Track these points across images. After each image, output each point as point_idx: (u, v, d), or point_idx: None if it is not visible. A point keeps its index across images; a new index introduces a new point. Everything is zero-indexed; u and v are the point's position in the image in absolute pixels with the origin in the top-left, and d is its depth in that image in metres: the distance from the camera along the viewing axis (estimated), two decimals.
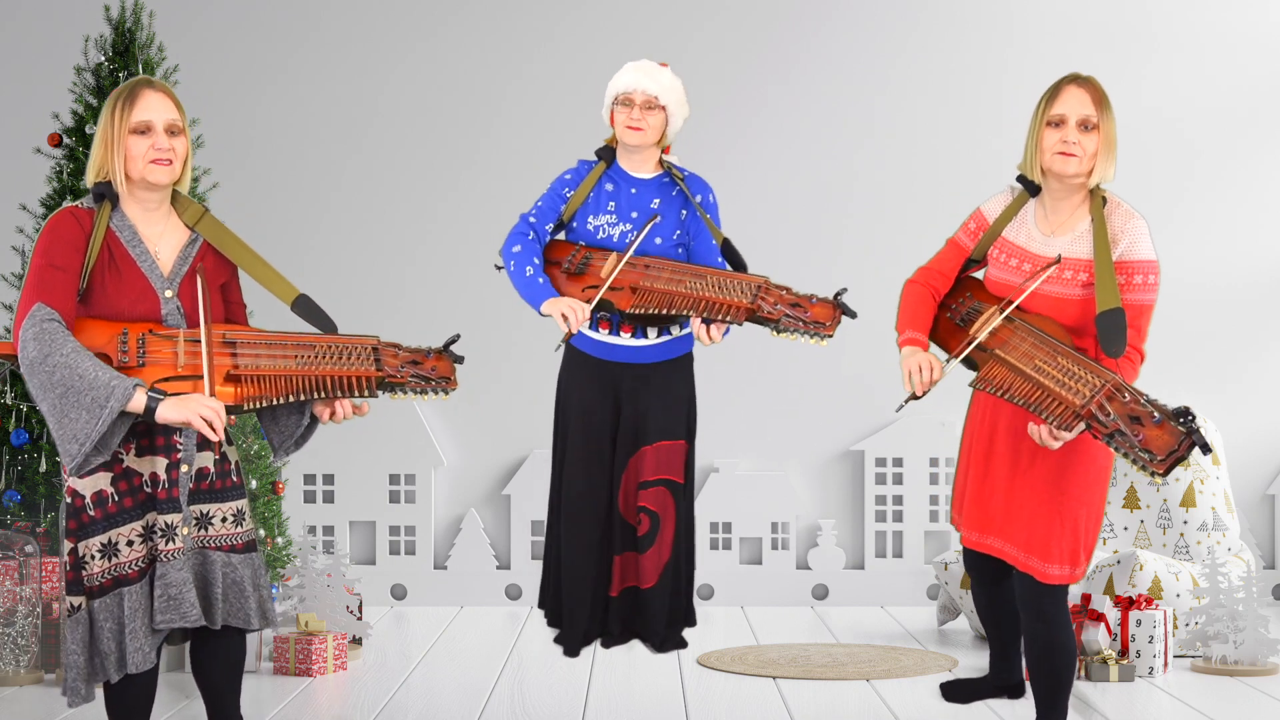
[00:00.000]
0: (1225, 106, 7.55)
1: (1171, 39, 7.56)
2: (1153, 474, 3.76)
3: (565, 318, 4.41)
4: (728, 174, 7.52)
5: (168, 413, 3.65)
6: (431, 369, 3.95)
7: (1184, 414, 3.77)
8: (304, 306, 3.93)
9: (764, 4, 7.60)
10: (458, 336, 4.01)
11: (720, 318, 4.39)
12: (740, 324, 4.41)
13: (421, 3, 7.62)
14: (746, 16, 7.60)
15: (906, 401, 4.15)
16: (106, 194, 3.81)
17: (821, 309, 4.36)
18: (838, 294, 4.38)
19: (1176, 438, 3.75)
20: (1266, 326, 7.55)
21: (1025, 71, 7.25)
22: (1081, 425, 3.86)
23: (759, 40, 7.60)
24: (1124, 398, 3.84)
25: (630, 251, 4.52)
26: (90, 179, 3.83)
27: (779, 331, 4.39)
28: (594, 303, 4.45)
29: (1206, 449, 3.74)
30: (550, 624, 4.71)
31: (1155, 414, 3.79)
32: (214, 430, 3.67)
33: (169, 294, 3.80)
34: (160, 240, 3.85)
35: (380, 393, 3.91)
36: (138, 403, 3.62)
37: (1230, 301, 7.54)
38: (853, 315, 4.36)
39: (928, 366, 4.11)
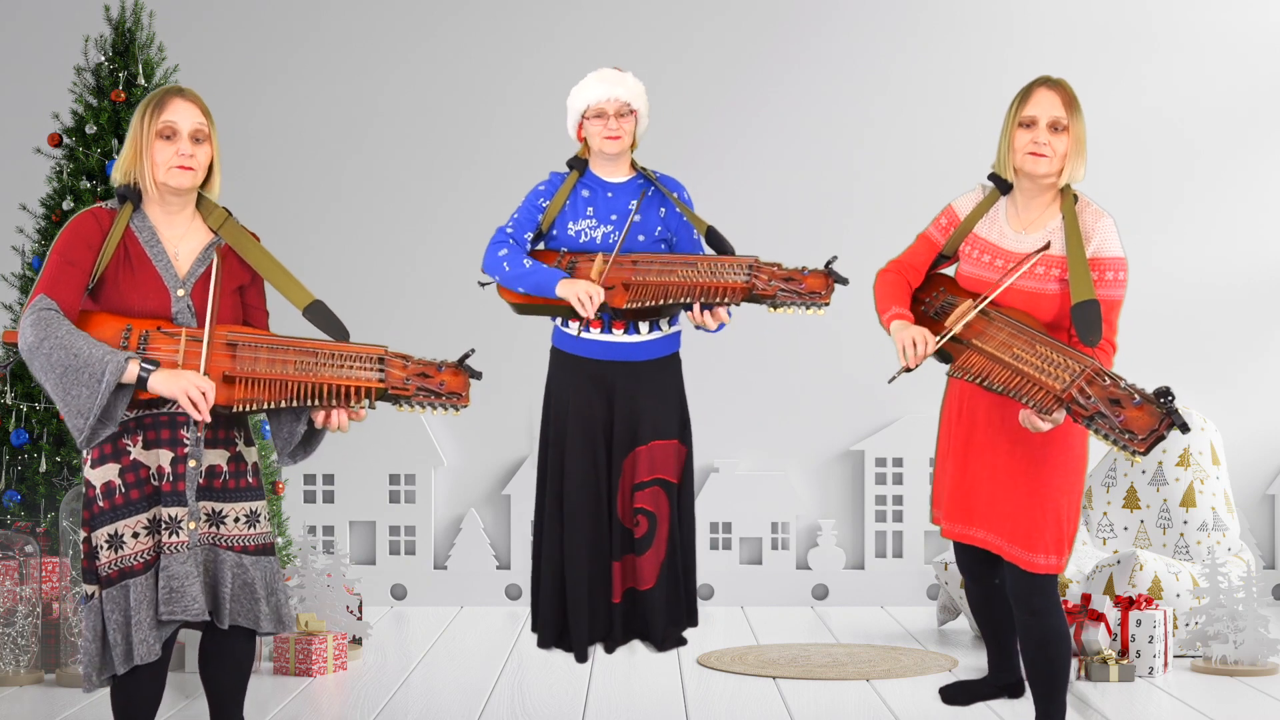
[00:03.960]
0: (1225, 106, 7.55)
1: (1171, 39, 7.56)
2: (1134, 453, 3.83)
3: (582, 302, 4.42)
4: (727, 174, 7.53)
5: (158, 384, 3.73)
6: (440, 384, 3.92)
7: (1164, 394, 3.83)
8: (316, 313, 3.96)
9: (764, 4, 7.60)
10: (473, 351, 3.96)
11: (718, 301, 4.42)
12: (738, 304, 4.44)
13: (421, 3, 7.62)
14: (746, 16, 7.61)
15: (899, 373, 4.19)
16: (129, 196, 3.89)
17: (815, 279, 4.42)
18: (828, 263, 4.44)
19: (1156, 418, 3.82)
20: (1266, 326, 7.55)
21: (1025, 71, 7.18)
22: (1063, 410, 3.92)
23: (759, 40, 7.60)
24: (1104, 381, 3.90)
25: (617, 250, 4.52)
26: (116, 180, 3.92)
27: (776, 307, 4.43)
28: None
29: (1186, 428, 3.81)
30: (540, 645, 4.66)
31: (1135, 395, 3.86)
32: (198, 409, 3.72)
33: (181, 293, 3.85)
34: (181, 242, 3.91)
35: (382, 403, 3.90)
36: (131, 374, 3.71)
37: (1230, 301, 7.54)
38: (844, 282, 4.42)
39: (922, 340, 4.16)
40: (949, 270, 4.41)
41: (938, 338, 4.18)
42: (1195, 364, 7.49)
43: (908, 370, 4.16)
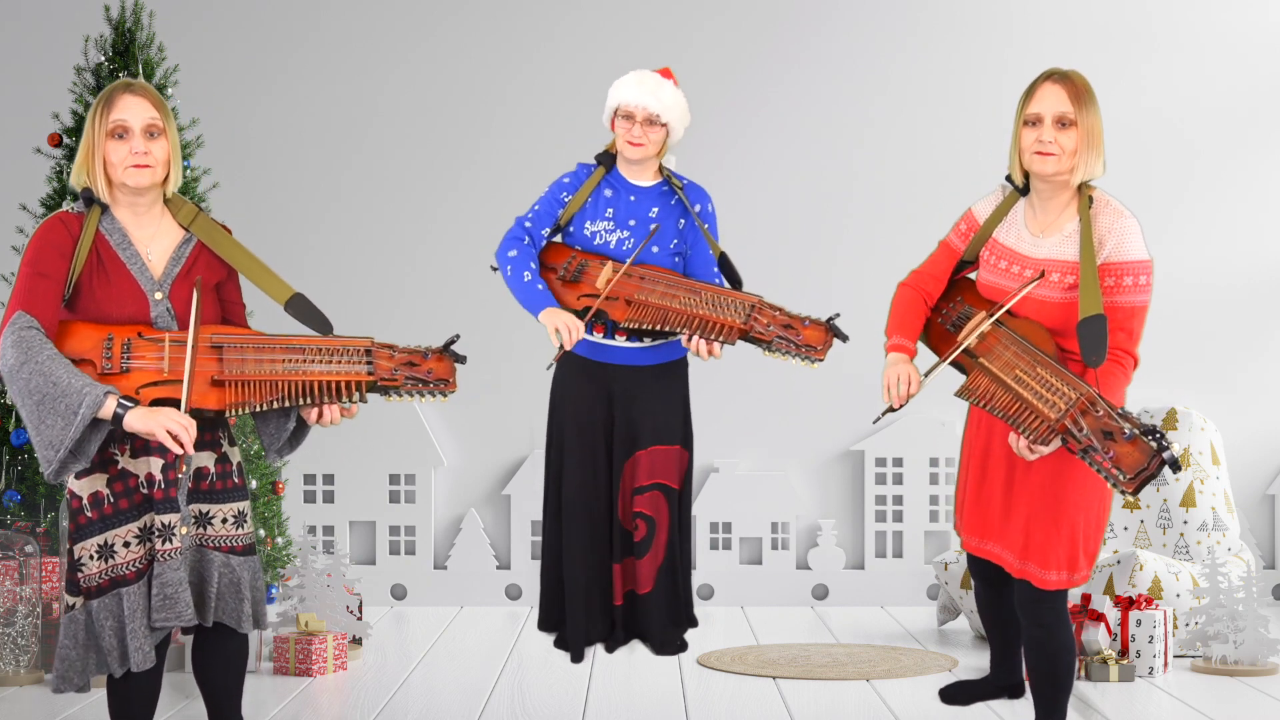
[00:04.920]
0: (1225, 106, 7.55)
1: (1171, 39, 7.56)
2: (1123, 492, 3.71)
3: (559, 333, 4.39)
4: (727, 175, 7.52)
5: (135, 423, 3.63)
6: (428, 371, 3.89)
7: (1153, 431, 3.71)
8: (298, 307, 3.89)
9: (764, 5, 7.60)
10: (457, 337, 3.96)
11: (712, 336, 4.37)
12: (732, 343, 4.38)
13: (421, 3, 7.62)
14: (746, 17, 7.60)
15: (884, 414, 4.14)
16: (94, 198, 3.79)
17: (813, 332, 4.32)
18: (831, 318, 4.33)
19: (1147, 455, 3.69)
20: (1266, 326, 7.55)
21: (1025, 71, 7.17)
22: (1058, 440, 3.82)
23: (759, 41, 7.60)
24: (1097, 412, 3.78)
25: (628, 264, 4.49)
26: (74, 182, 3.81)
27: (770, 351, 4.36)
28: (588, 316, 4.45)
29: (1176, 468, 3.68)
30: (541, 628, 4.69)
31: (1126, 430, 3.73)
32: (181, 445, 3.64)
33: (159, 296, 3.78)
34: (152, 242, 3.83)
35: (374, 397, 3.88)
36: (107, 410, 3.61)
37: (1230, 301, 7.54)
38: (844, 339, 4.32)
39: (906, 379, 4.07)
40: (973, 274, 4.29)
41: (930, 369, 4.08)
42: (1195, 364, 7.49)
43: (892, 410, 4.08)
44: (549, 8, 7.61)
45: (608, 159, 4.63)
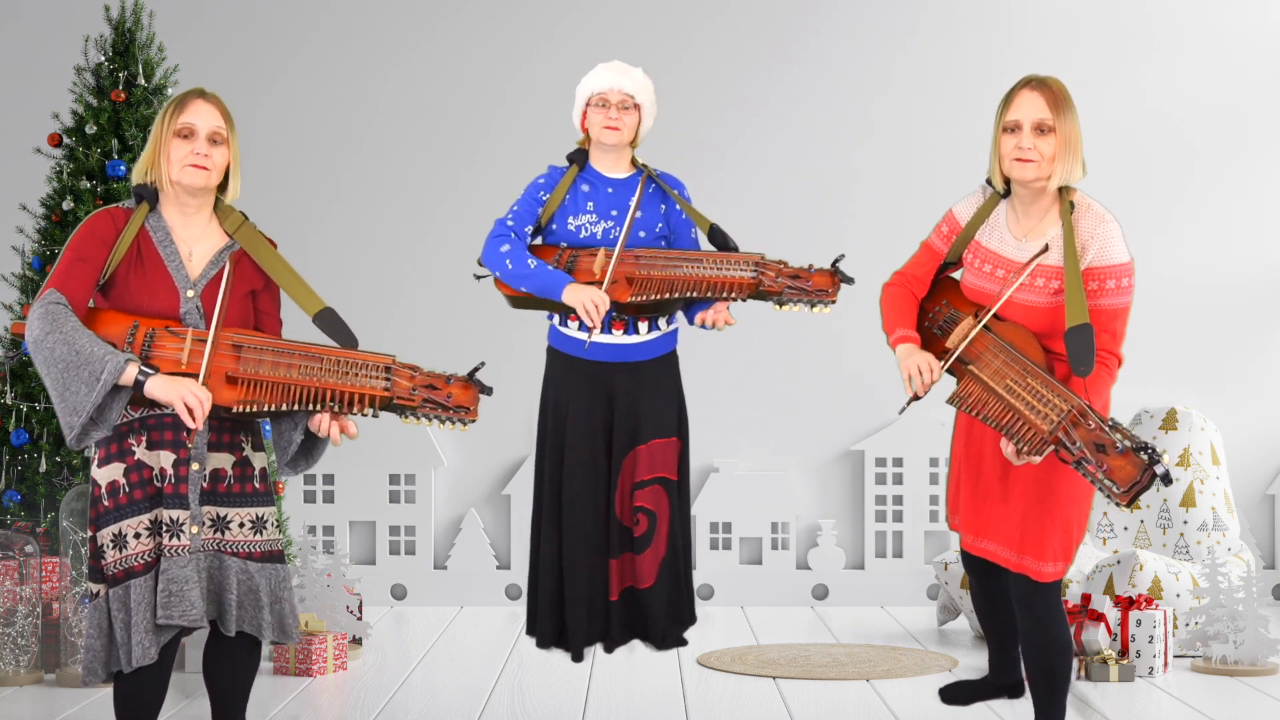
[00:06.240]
0: (1225, 106, 7.55)
1: (1171, 39, 7.56)
2: (1117, 504, 3.75)
3: (588, 311, 4.40)
4: (728, 174, 7.53)
5: (155, 389, 3.72)
6: (448, 396, 3.88)
7: (1144, 447, 3.74)
8: (326, 320, 3.95)
9: (764, 4, 7.61)
10: (483, 364, 3.91)
11: (724, 296, 4.41)
12: (744, 300, 4.43)
13: (421, 3, 7.62)
14: (747, 17, 7.61)
15: (909, 403, 4.13)
16: (145, 195, 3.92)
17: (821, 277, 4.42)
18: (835, 261, 4.43)
19: (1139, 468, 3.72)
20: (1266, 326, 7.55)
21: (1025, 71, 7.20)
22: (1050, 449, 3.85)
23: (759, 40, 7.61)
24: (1089, 424, 3.81)
25: (621, 244, 4.50)
26: (135, 178, 3.95)
27: (782, 304, 4.43)
28: (604, 286, 4.44)
29: (1168, 482, 3.71)
30: (539, 645, 4.66)
31: (1119, 443, 3.76)
32: (193, 418, 3.72)
33: (190, 294, 3.86)
34: (195, 243, 3.93)
35: (387, 413, 3.88)
36: (128, 376, 3.71)
37: (1230, 301, 7.54)
38: (850, 281, 4.40)
39: (928, 367, 4.08)
40: (957, 274, 4.30)
41: (942, 363, 4.09)
42: (1195, 364, 7.49)
43: (916, 398, 4.09)
44: (549, 8, 7.61)
45: (580, 155, 4.67)
